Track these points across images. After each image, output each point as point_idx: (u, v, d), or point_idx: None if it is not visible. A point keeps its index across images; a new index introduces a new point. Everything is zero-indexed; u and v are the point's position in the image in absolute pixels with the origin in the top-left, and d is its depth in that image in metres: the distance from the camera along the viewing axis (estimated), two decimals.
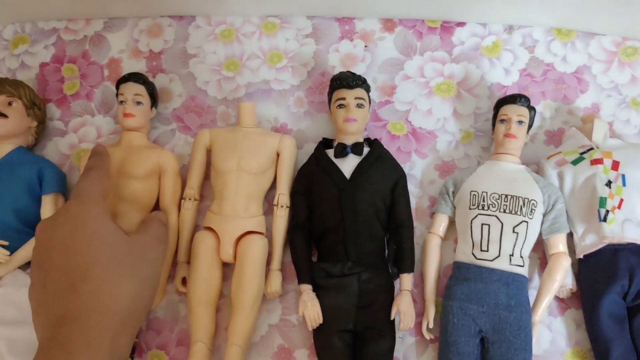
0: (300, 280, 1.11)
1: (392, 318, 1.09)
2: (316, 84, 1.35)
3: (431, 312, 1.12)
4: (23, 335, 1.09)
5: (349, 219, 1.10)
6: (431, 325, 1.11)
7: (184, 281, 1.18)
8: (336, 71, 1.33)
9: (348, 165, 1.15)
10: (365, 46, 1.38)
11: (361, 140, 1.19)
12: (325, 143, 1.22)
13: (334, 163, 1.16)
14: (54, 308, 0.45)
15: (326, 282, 1.10)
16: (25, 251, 1.15)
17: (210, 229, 1.17)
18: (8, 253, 1.14)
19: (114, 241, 0.48)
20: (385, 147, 1.24)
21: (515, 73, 1.33)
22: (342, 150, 1.17)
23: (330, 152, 1.18)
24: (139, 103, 1.22)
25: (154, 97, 1.28)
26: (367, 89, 1.22)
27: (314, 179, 1.16)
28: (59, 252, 0.47)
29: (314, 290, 1.11)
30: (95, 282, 0.45)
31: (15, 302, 1.11)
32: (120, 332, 0.46)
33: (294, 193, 1.20)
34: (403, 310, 1.09)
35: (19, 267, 1.15)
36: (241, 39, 1.39)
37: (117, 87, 1.25)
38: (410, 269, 1.12)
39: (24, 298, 1.06)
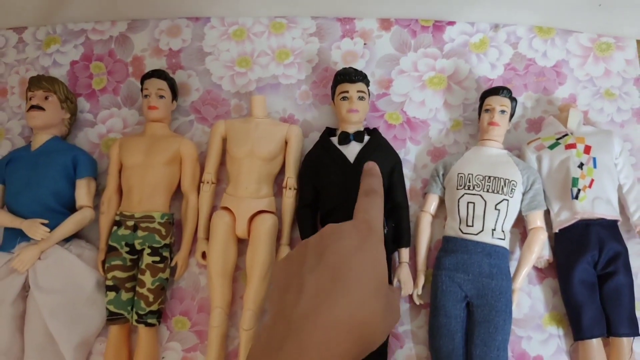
0: None
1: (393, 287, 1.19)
2: (320, 78, 1.43)
3: (421, 281, 1.21)
4: (61, 301, 1.19)
5: (354, 198, 1.17)
6: (420, 293, 1.20)
7: (204, 255, 1.27)
8: (338, 67, 1.41)
9: (351, 151, 1.23)
10: (365, 44, 1.45)
11: (362, 129, 1.27)
12: (329, 132, 1.30)
13: (338, 149, 1.24)
14: (296, 289, 0.41)
15: None
16: (63, 229, 1.24)
17: (226, 208, 1.25)
18: (48, 230, 1.22)
19: (377, 273, 0.42)
20: (383, 135, 1.32)
21: (500, 67, 1.41)
22: (346, 138, 1.24)
23: (334, 140, 1.26)
24: (161, 97, 1.32)
25: (174, 91, 1.37)
26: (367, 83, 1.29)
27: (321, 163, 1.24)
28: (332, 251, 0.42)
29: None
30: (338, 285, 0.39)
31: (54, 273, 1.21)
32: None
33: (301, 176, 1.27)
34: (403, 279, 1.20)
35: (57, 243, 1.24)
36: (252, 38, 1.47)
37: (142, 83, 1.34)
38: (407, 244, 1.22)
39: (62, 270, 1.21)
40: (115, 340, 1.23)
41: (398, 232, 1.23)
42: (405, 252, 1.22)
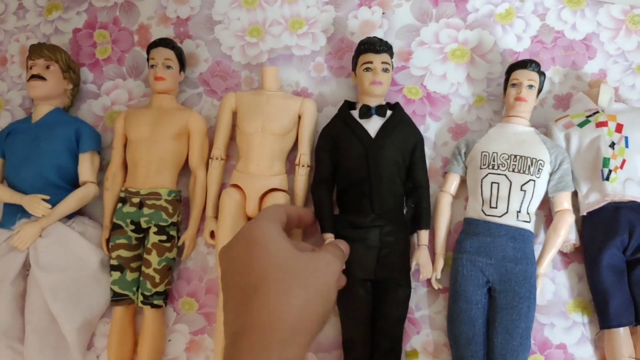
0: (324, 230, 1.15)
1: (412, 270, 1.15)
2: (335, 49, 1.38)
3: (440, 264, 1.17)
4: (63, 281, 1.16)
5: (374, 174, 1.13)
6: (438, 277, 1.17)
7: (212, 235, 1.23)
8: (355, 37, 1.35)
9: (372, 125, 1.18)
10: (383, 13, 1.38)
11: (384, 103, 1.22)
12: (349, 105, 1.25)
13: (359, 123, 1.19)
14: (232, 326, 0.46)
15: (350, 234, 1.13)
16: (65, 205, 1.20)
17: (236, 186, 1.21)
18: (50, 206, 1.18)
19: (285, 256, 0.49)
20: None
21: (526, 40, 1.34)
22: (367, 112, 1.19)
23: (355, 113, 1.21)
24: (168, 67, 1.27)
25: (182, 62, 1.32)
26: (392, 54, 1.24)
27: (340, 137, 1.19)
28: (236, 270, 0.48)
29: None
30: (267, 294, 0.45)
31: (56, 251, 1.18)
32: (290, 342, 0.44)
33: (318, 149, 1.22)
34: (422, 262, 1.16)
35: (59, 220, 1.20)
36: (264, 5, 1.42)
37: (148, 52, 1.29)
38: (427, 226, 1.18)
39: (64, 248, 1.16)
40: (119, 321, 1.20)
41: (417, 213, 1.19)
42: (424, 235, 1.18)
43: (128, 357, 1.20)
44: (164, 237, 1.20)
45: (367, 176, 1.14)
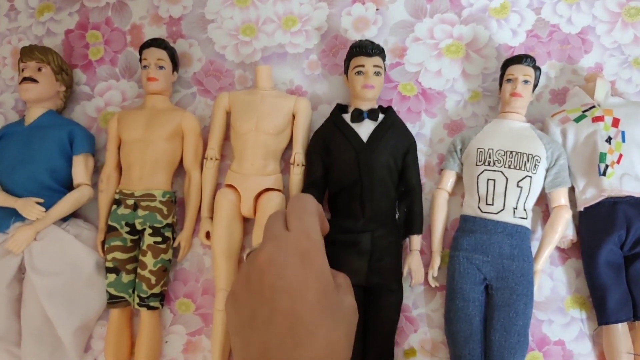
0: None
1: (404, 276, 1.15)
2: (329, 46, 1.36)
3: (437, 262, 1.17)
4: (58, 284, 1.16)
5: (366, 178, 1.13)
6: (435, 274, 1.16)
7: (208, 235, 1.23)
8: (349, 34, 1.35)
9: (364, 129, 1.17)
10: (377, 9, 1.37)
11: (376, 106, 1.22)
12: (340, 108, 1.24)
13: (351, 127, 1.18)
14: (258, 348, 0.40)
15: (342, 238, 1.13)
16: (59, 208, 1.20)
17: (231, 186, 1.20)
18: (44, 210, 1.18)
19: (327, 287, 0.42)
20: (396, 107, 1.27)
21: (522, 34, 1.33)
22: (359, 116, 1.19)
23: (347, 117, 1.20)
24: (161, 67, 1.26)
25: (175, 62, 1.31)
26: (384, 57, 1.23)
27: (332, 141, 1.18)
28: (280, 290, 0.40)
29: (330, 246, 1.15)
30: (301, 330, 0.39)
31: (51, 254, 1.17)
32: None
33: (310, 152, 1.22)
34: (414, 268, 1.15)
35: (54, 223, 1.20)
36: (257, 3, 1.40)
37: (140, 53, 1.28)
38: (419, 231, 1.17)
39: (59, 251, 1.16)
40: (116, 324, 1.20)
41: (410, 218, 1.18)
42: (416, 240, 1.18)
43: (125, 359, 1.20)
44: (159, 239, 1.20)
45: (358, 180, 1.13)
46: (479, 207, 1.14)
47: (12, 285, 1.17)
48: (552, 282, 1.19)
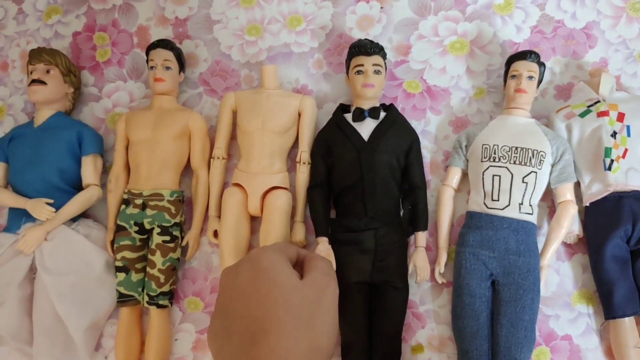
0: (318, 234, 1.16)
1: (409, 273, 1.15)
2: (334, 45, 1.37)
3: (443, 258, 1.17)
4: (69, 283, 1.17)
5: (367, 177, 1.14)
6: (442, 271, 1.17)
7: (216, 234, 1.24)
8: (353, 33, 1.35)
9: (366, 128, 1.18)
10: (381, 7, 1.37)
11: (377, 105, 1.22)
12: (343, 108, 1.25)
13: (352, 126, 1.19)
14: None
15: (345, 237, 1.14)
16: (69, 208, 1.21)
17: (238, 185, 1.21)
18: (54, 210, 1.19)
19: (291, 288, 0.46)
20: (401, 104, 1.28)
21: (526, 30, 1.33)
22: (360, 115, 1.19)
23: (348, 116, 1.21)
24: (168, 68, 1.27)
25: (181, 62, 1.32)
26: (384, 56, 1.23)
27: (334, 141, 1.19)
28: (241, 301, 0.46)
29: (334, 245, 1.15)
30: (274, 336, 0.43)
31: (61, 254, 1.19)
32: None
33: (313, 154, 1.23)
34: (419, 265, 1.15)
35: (64, 223, 1.21)
36: (262, 4, 1.41)
37: (147, 54, 1.29)
38: (424, 227, 1.17)
39: (70, 251, 1.17)
40: (126, 322, 1.21)
41: (414, 215, 1.18)
42: (422, 236, 1.18)
43: (135, 357, 1.21)
44: (167, 238, 1.21)
45: (360, 179, 1.14)
46: (484, 203, 1.14)
47: (23, 285, 1.18)
48: (559, 277, 1.19)
